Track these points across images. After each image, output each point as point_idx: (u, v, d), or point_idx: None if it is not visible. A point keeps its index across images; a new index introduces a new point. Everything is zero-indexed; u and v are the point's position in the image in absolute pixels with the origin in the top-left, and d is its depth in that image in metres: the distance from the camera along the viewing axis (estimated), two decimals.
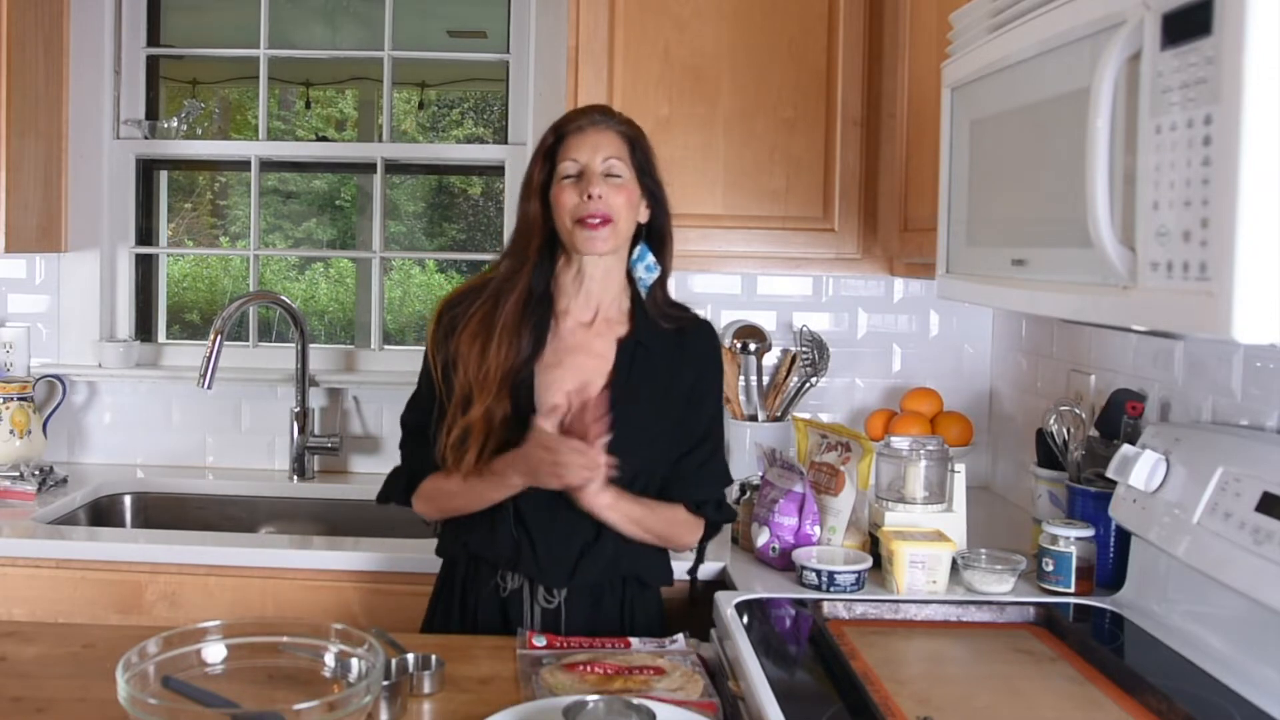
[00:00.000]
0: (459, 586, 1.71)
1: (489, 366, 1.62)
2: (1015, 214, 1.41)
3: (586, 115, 1.68)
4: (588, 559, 1.64)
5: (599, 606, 1.67)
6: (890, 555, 1.73)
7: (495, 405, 1.62)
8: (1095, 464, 1.81)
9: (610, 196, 1.62)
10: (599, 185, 1.61)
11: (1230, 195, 0.94)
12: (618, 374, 1.67)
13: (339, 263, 7.53)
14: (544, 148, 1.68)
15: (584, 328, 1.70)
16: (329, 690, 1.21)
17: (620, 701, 1.20)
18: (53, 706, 1.32)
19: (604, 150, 1.64)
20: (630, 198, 1.65)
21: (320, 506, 2.58)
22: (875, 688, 1.32)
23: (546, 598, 1.65)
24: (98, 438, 2.74)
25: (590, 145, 1.64)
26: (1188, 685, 1.33)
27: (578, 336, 1.70)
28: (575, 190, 1.62)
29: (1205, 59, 0.97)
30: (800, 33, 2.29)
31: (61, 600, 2.06)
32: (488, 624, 1.67)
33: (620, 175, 1.64)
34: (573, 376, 1.66)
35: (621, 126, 1.68)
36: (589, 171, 1.63)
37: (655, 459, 1.68)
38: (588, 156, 1.64)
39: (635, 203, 1.67)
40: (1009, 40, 1.39)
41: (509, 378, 1.63)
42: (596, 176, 1.62)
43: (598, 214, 1.61)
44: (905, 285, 2.63)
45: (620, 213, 1.63)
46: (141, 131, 2.78)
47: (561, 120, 1.70)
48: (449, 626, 1.70)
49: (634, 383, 1.67)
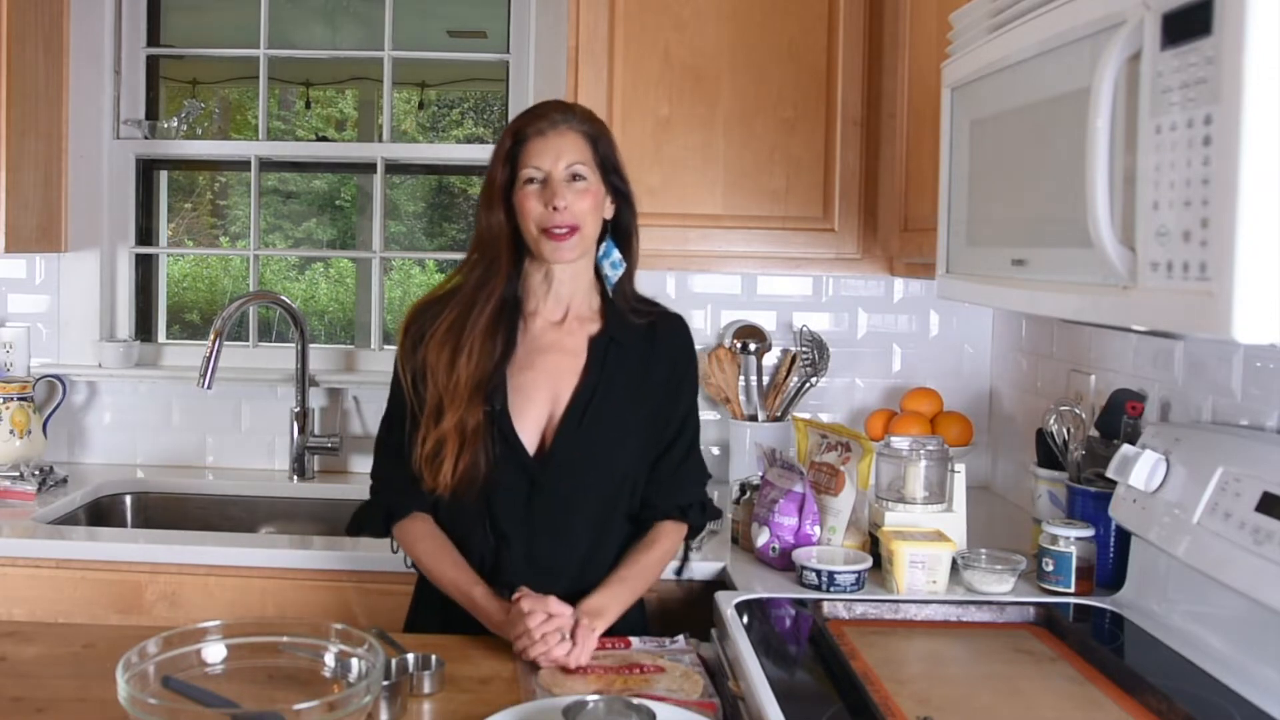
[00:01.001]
0: (438, 594, 1.67)
1: (458, 376, 1.60)
2: (1015, 214, 1.41)
3: (545, 117, 1.62)
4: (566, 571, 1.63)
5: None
6: (890, 555, 1.73)
7: (467, 415, 1.59)
8: (1095, 464, 1.81)
9: (575, 203, 1.59)
10: (563, 195, 1.58)
11: (1230, 195, 0.94)
12: (590, 371, 1.66)
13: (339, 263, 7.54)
14: (503, 151, 1.63)
15: (555, 327, 1.69)
16: (329, 690, 1.21)
17: (620, 701, 1.20)
18: (53, 706, 1.32)
19: (566, 156, 1.60)
20: (595, 200, 1.63)
21: (320, 506, 2.58)
22: (875, 688, 1.32)
23: None
24: (98, 438, 2.74)
25: (553, 151, 1.60)
26: (1188, 685, 1.33)
27: (549, 336, 1.68)
28: (539, 199, 1.59)
29: (1205, 59, 0.97)
30: (800, 33, 2.29)
31: (61, 600, 2.06)
32: (466, 628, 1.63)
33: (584, 179, 1.61)
34: (545, 378, 1.65)
35: (582, 125, 1.64)
36: (552, 180, 1.59)
37: (632, 456, 1.67)
38: (550, 163, 1.59)
39: (600, 203, 1.65)
40: (1009, 40, 1.39)
41: (481, 386, 1.60)
42: (560, 185, 1.59)
43: (564, 224, 1.59)
44: (905, 285, 2.63)
45: (586, 218, 1.61)
46: (141, 131, 2.78)
47: (520, 122, 1.64)
48: (428, 631, 1.68)
49: (608, 379, 1.66)
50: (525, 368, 1.66)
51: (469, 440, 1.59)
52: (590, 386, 1.65)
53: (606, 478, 1.64)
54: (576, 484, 1.64)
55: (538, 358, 1.67)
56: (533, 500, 1.62)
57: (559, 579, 1.62)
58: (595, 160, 1.64)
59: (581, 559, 1.65)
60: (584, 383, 1.65)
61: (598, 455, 1.64)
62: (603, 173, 1.65)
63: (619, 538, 1.69)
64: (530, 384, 1.65)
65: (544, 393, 1.65)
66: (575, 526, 1.64)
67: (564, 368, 1.66)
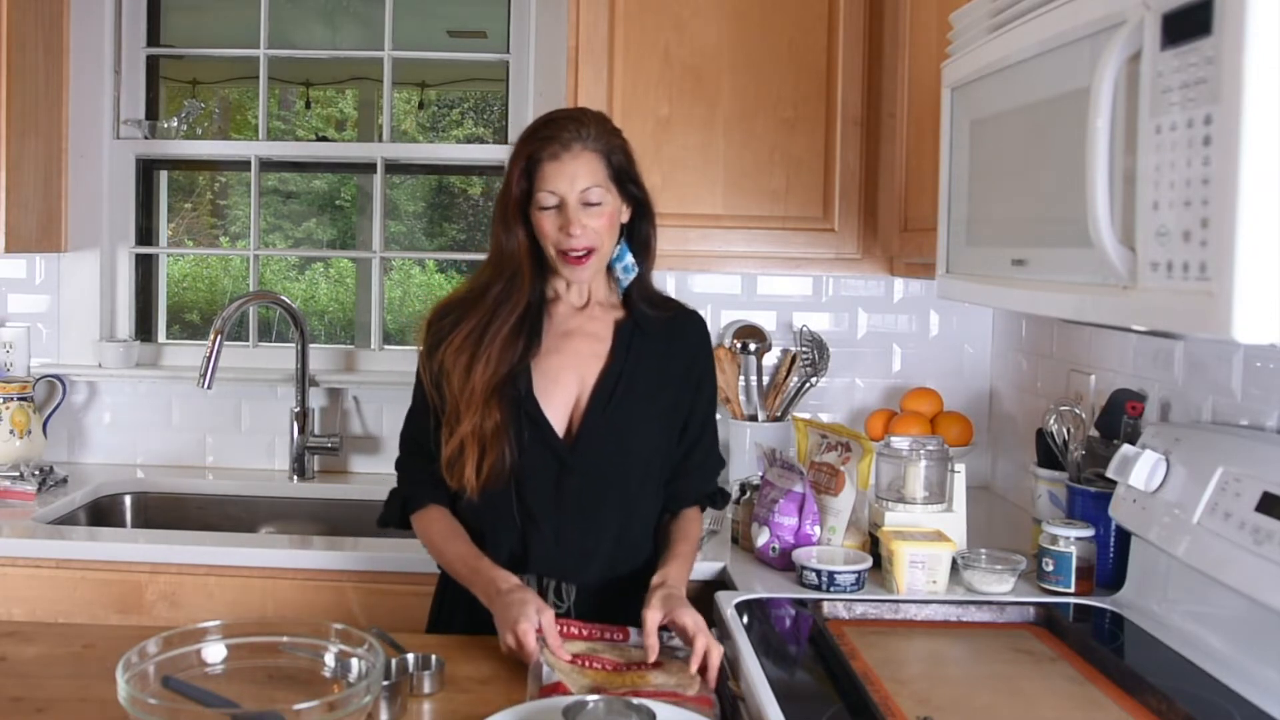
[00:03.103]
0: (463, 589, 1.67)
1: (474, 384, 1.61)
2: (1015, 214, 1.41)
3: (558, 139, 1.60)
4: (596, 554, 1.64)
5: (604, 606, 1.65)
6: (890, 555, 1.73)
7: (484, 419, 1.60)
8: (1095, 464, 1.81)
9: (591, 224, 1.61)
10: (578, 221, 1.60)
11: (1230, 195, 0.94)
12: (616, 355, 1.68)
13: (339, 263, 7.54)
14: (518, 170, 1.63)
15: (578, 312, 1.71)
16: (329, 690, 1.21)
17: (620, 701, 1.20)
18: (53, 706, 1.32)
19: (581, 180, 1.60)
20: (611, 218, 1.64)
21: (320, 506, 2.58)
22: (875, 688, 1.32)
23: (555, 601, 1.64)
24: (98, 438, 2.74)
25: (568, 176, 1.60)
26: (1188, 685, 1.33)
27: (573, 321, 1.71)
28: (555, 222, 1.61)
29: (1205, 59, 0.97)
30: (800, 33, 2.29)
31: (61, 600, 2.06)
32: (491, 628, 1.65)
33: (600, 201, 1.62)
34: (571, 361, 1.67)
35: (596, 143, 1.63)
36: (567, 206, 1.60)
37: (656, 440, 1.69)
38: (565, 188, 1.59)
39: (616, 218, 1.66)
40: (1009, 40, 1.39)
41: (498, 389, 1.61)
42: (576, 211, 1.60)
43: (581, 248, 1.61)
44: (905, 285, 2.63)
45: (603, 236, 1.63)
46: (141, 131, 2.78)
47: (534, 144, 1.62)
48: (453, 628, 1.69)
49: (633, 363, 1.68)
50: (551, 352, 1.68)
51: (490, 443, 1.61)
52: (616, 370, 1.67)
53: (633, 460, 1.66)
54: (605, 466, 1.65)
55: (563, 342, 1.69)
56: (562, 482, 1.63)
57: (590, 564, 1.64)
58: (610, 176, 1.64)
59: (611, 543, 1.66)
60: (610, 366, 1.67)
61: (625, 438, 1.65)
62: (618, 185, 1.65)
63: (646, 523, 1.71)
64: (557, 367, 1.67)
65: (571, 375, 1.67)
66: (604, 509, 1.65)
67: (589, 351, 1.68)
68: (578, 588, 1.65)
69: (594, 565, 1.65)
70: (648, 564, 1.68)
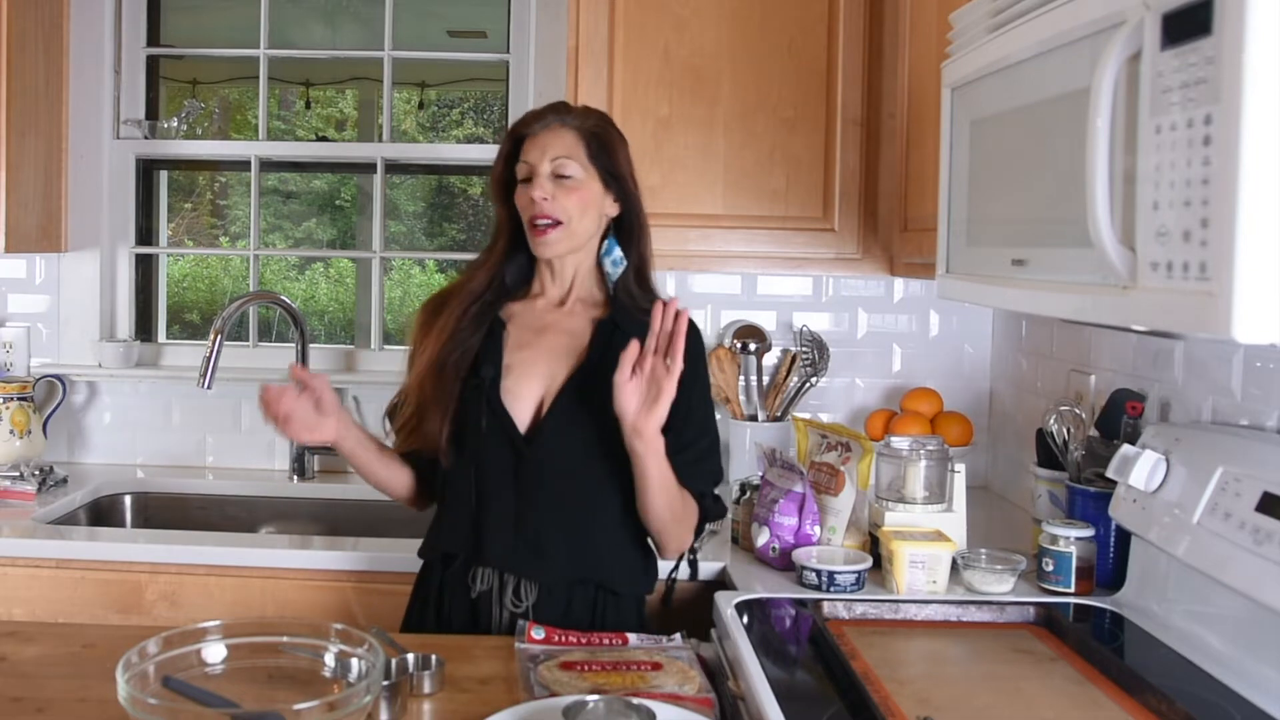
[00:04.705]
0: (433, 589, 1.70)
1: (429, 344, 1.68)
2: (1015, 214, 1.41)
3: (541, 118, 1.68)
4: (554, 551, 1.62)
5: (569, 612, 1.63)
6: (890, 555, 1.73)
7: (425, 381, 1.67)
8: (1095, 464, 1.81)
9: (560, 198, 1.63)
10: (542, 188, 1.62)
11: (1230, 195, 0.94)
12: (591, 353, 1.67)
13: (339, 263, 7.53)
14: (505, 150, 1.71)
15: (555, 308, 1.72)
16: (329, 690, 1.21)
17: (620, 701, 1.20)
18: (53, 706, 1.32)
19: (552, 150, 1.64)
20: (584, 197, 1.64)
21: (320, 506, 2.58)
22: (875, 688, 1.32)
23: (514, 600, 1.63)
24: (98, 438, 2.74)
25: (540, 147, 1.65)
26: (1188, 685, 1.33)
27: (549, 317, 1.71)
28: (527, 194, 1.64)
29: (1205, 59, 0.97)
30: (800, 33, 2.29)
31: (61, 600, 2.06)
32: (460, 627, 1.65)
33: (572, 175, 1.63)
34: (543, 356, 1.67)
35: (579, 122, 1.67)
36: (535, 174, 1.64)
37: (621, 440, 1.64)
38: (536, 158, 1.64)
39: (592, 201, 1.66)
40: (1009, 40, 1.39)
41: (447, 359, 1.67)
42: (542, 179, 1.63)
43: (546, 216, 1.63)
44: (905, 285, 2.63)
45: (572, 213, 1.63)
46: (141, 131, 2.78)
47: (519, 122, 1.71)
48: (424, 629, 1.69)
49: (608, 362, 1.63)
50: (523, 345, 1.69)
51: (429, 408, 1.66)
52: (588, 368, 1.65)
53: (599, 459, 1.63)
54: (562, 462, 1.64)
55: (537, 336, 1.69)
56: (519, 471, 1.63)
57: (547, 560, 1.62)
58: (590, 157, 1.65)
59: (569, 542, 1.63)
60: (582, 364, 1.66)
61: (586, 436, 1.63)
62: (601, 170, 1.66)
63: (612, 529, 1.66)
64: (528, 360, 1.68)
65: (540, 369, 1.67)
66: (564, 504, 1.63)
67: (563, 348, 1.68)
68: (539, 587, 1.63)
69: (552, 563, 1.62)
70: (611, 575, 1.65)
